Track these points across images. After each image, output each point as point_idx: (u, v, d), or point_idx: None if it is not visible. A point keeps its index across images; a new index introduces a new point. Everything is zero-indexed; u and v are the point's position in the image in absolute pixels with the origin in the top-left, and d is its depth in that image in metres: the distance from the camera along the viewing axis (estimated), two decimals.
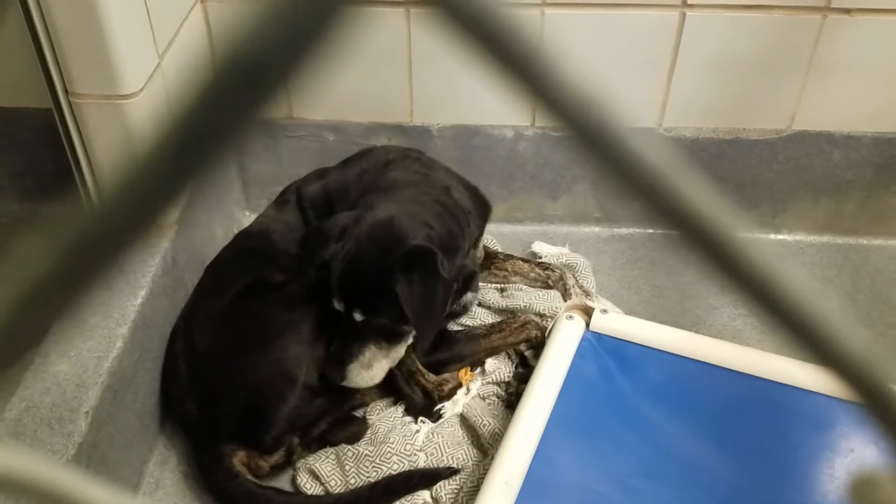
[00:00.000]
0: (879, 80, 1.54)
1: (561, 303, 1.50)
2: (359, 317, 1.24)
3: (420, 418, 1.35)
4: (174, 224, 1.39)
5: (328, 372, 1.27)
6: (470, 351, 1.42)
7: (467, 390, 1.39)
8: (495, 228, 1.70)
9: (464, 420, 1.36)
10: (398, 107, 1.62)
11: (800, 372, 1.21)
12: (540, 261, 1.62)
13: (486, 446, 1.30)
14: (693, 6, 1.47)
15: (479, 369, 1.43)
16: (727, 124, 1.62)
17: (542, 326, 1.43)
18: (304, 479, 1.28)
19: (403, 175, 1.39)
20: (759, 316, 0.22)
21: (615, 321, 1.36)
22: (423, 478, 1.25)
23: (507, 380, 1.41)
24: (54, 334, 1.19)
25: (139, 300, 1.26)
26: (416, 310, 1.20)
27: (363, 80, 1.57)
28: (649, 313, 1.52)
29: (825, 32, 1.49)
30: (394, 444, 1.29)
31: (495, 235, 1.69)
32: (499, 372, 1.41)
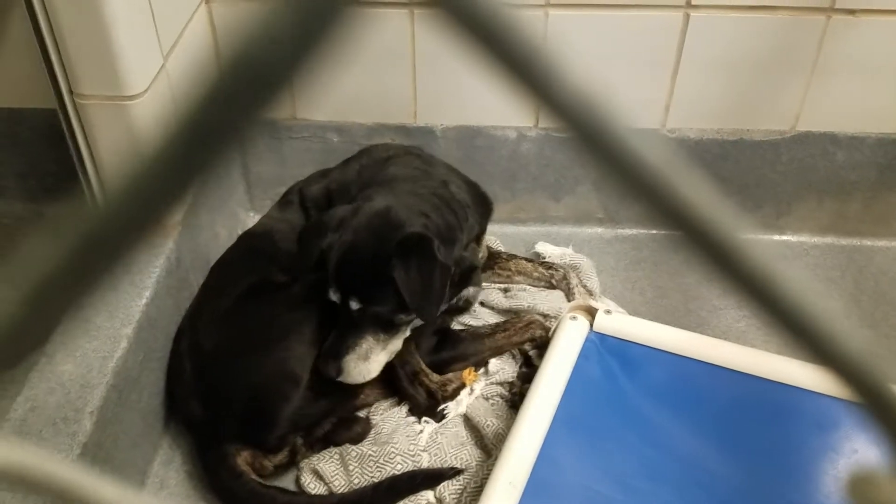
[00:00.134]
0: (884, 81, 1.54)
1: (564, 303, 1.50)
2: (355, 305, 1.23)
3: (424, 418, 1.35)
4: (178, 225, 1.39)
5: (323, 367, 1.25)
6: (474, 350, 1.42)
7: (471, 390, 1.39)
8: (498, 229, 1.70)
9: (467, 420, 1.36)
10: (402, 107, 1.62)
11: (803, 373, 1.21)
12: (543, 261, 1.62)
13: (489, 446, 1.30)
14: (697, 7, 1.47)
15: (482, 369, 1.43)
16: (731, 125, 1.62)
17: (547, 326, 1.43)
18: (307, 479, 1.28)
19: (402, 170, 1.40)
20: (758, 315, 0.22)
21: (619, 322, 1.36)
22: (427, 478, 1.25)
23: (510, 380, 1.41)
24: (59, 334, 1.20)
25: (144, 300, 1.26)
26: (415, 294, 1.19)
27: (367, 81, 1.58)
28: (653, 314, 1.52)
29: (829, 33, 1.48)
30: (397, 444, 1.29)
31: (498, 236, 1.69)
32: (503, 372, 1.41)
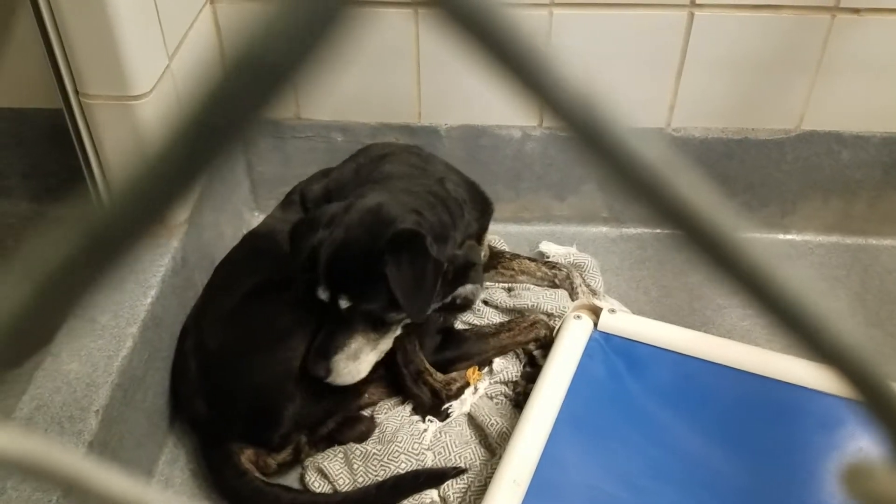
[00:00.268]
0: (888, 80, 1.54)
1: (569, 302, 1.50)
2: (345, 303, 1.21)
3: (428, 417, 1.35)
4: (184, 224, 1.40)
5: (311, 367, 1.23)
6: (478, 350, 1.42)
7: (475, 389, 1.39)
8: (502, 228, 1.70)
9: (471, 419, 1.36)
10: (406, 107, 1.62)
11: (808, 372, 1.21)
12: (547, 260, 1.62)
13: (493, 445, 1.30)
14: (701, 6, 1.47)
15: (486, 368, 1.43)
16: (736, 124, 1.62)
17: (551, 326, 1.42)
18: (312, 478, 1.29)
19: (397, 167, 1.39)
20: (757, 312, 0.23)
21: (623, 321, 1.36)
22: (430, 477, 1.25)
23: (514, 379, 1.41)
24: (65, 333, 1.20)
25: (149, 299, 1.27)
26: (407, 291, 1.18)
27: (371, 81, 1.58)
28: (657, 313, 1.52)
29: (834, 32, 1.48)
30: (402, 442, 1.29)
31: (502, 235, 1.70)
32: (507, 371, 1.41)
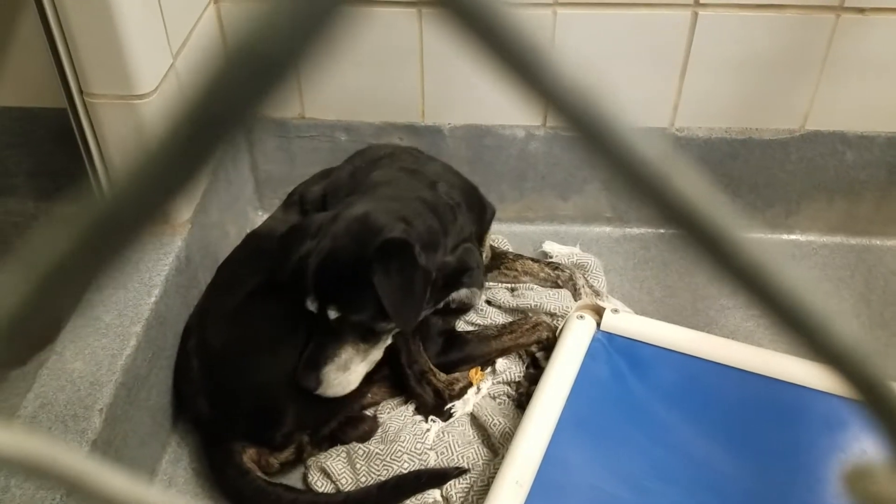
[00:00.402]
0: (893, 80, 1.53)
1: (572, 302, 1.49)
2: (333, 314, 1.20)
3: (431, 417, 1.35)
4: (188, 223, 1.40)
5: (301, 379, 1.23)
6: (481, 352, 1.42)
7: (478, 389, 1.39)
8: (506, 228, 1.70)
9: (474, 419, 1.36)
10: (410, 106, 1.62)
11: (812, 373, 1.21)
12: (550, 260, 1.62)
13: (496, 446, 1.30)
14: (705, 6, 1.47)
15: (489, 368, 1.43)
16: (740, 124, 1.62)
17: (554, 328, 1.42)
18: (315, 477, 1.29)
19: (387, 173, 1.37)
20: (759, 312, 0.22)
21: (626, 321, 1.35)
22: (432, 477, 1.25)
23: (517, 380, 1.41)
24: (69, 332, 1.21)
25: (153, 298, 1.27)
26: (395, 301, 1.17)
27: (375, 80, 1.58)
28: (661, 313, 1.51)
29: (839, 32, 1.48)
30: (404, 442, 1.29)
31: (506, 235, 1.70)
32: (509, 372, 1.41)
